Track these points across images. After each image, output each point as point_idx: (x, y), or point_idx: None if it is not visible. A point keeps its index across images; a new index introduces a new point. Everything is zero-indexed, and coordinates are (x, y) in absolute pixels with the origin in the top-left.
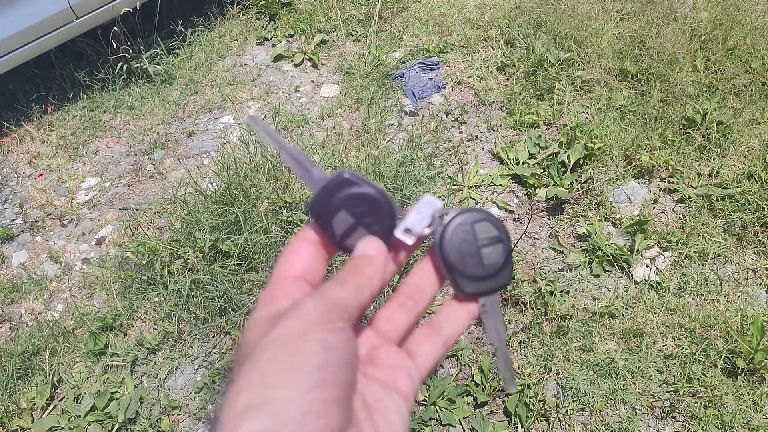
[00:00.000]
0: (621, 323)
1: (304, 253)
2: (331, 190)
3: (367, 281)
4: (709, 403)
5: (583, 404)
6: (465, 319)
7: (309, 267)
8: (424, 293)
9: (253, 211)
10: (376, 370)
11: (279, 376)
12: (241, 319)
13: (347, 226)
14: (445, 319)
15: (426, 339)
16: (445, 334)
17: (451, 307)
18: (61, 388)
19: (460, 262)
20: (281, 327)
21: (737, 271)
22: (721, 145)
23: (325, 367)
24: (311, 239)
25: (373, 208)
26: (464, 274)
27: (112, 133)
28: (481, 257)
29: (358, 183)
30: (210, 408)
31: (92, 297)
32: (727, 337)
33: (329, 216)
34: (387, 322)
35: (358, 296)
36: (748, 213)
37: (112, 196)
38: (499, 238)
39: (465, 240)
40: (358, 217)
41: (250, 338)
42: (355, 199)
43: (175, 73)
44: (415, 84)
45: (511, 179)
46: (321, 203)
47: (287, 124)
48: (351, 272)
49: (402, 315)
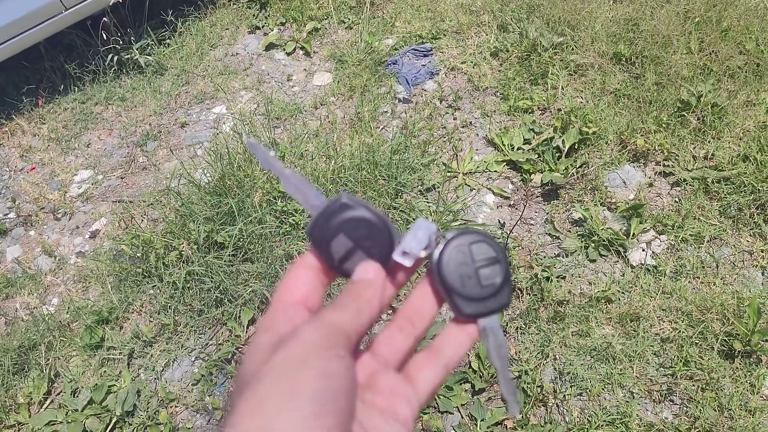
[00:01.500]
0: (617, 308)
1: (303, 279)
2: (329, 214)
3: (366, 305)
4: (707, 386)
5: (581, 389)
6: (465, 342)
7: (308, 293)
8: (423, 316)
9: (248, 201)
10: (375, 396)
11: (278, 403)
12: (237, 310)
13: (345, 250)
14: (445, 343)
15: (426, 363)
16: (445, 358)
17: (451, 331)
18: (58, 383)
19: (458, 283)
20: (281, 354)
21: (733, 253)
22: (716, 128)
23: (324, 394)
24: (310, 265)
25: (371, 232)
26: (462, 295)
27: (104, 125)
28: (479, 278)
29: (356, 207)
30: (207, 399)
31: (87, 290)
32: (724, 320)
33: (328, 240)
34: (386, 346)
35: (357, 320)
36: (743, 195)
37: (105, 189)
38: (496, 259)
39: (462, 262)
40: (356, 240)
41: (250, 365)
42: (353, 223)
43: (166, 63)
44: (408, 71)
45: (506, 165)
46: (320, 227)
47: (280, 113)
48: (350, 296)
49: (401, 338)
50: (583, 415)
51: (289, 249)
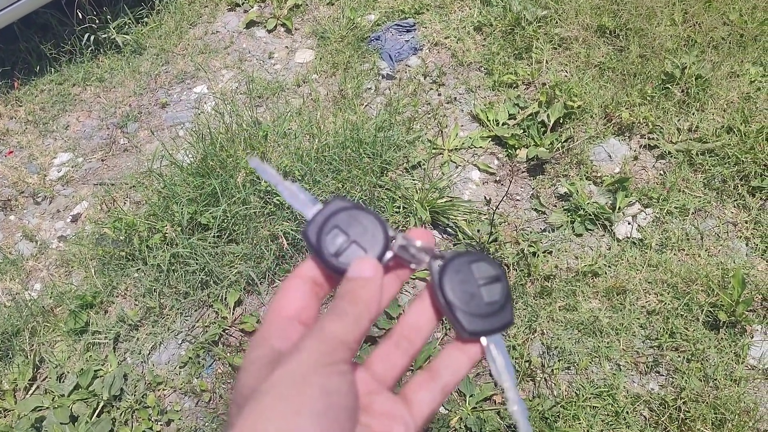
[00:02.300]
0: (604, 281)
1: (298, 291)
2: (325, 214)
3: (364, 309)
4: (692, 357)
5: (569, 363)
6: (465, 365)
7: (303, 306)
8: (420, 333)
9: (231, 182)
10: (371, 419)
11: (281, 421)
12: (223, 291)
13: (341, 243)
14: (444, 365)
15: (424, 385)
16: (443, 381)
17: (451, 353)
18: (43, 368)
19: (461, 300)
20: (282, 370)
21: (718, 225)
22: (700, 100)
23: (327, 413)
24: (306, 276)
25: (366, 228)
26: (466, 312)
27: (83, 106)
28: (482, 295)
29: (350, 206)
30: (195, 382)
31: (70, 275)
32: (709, 291)
33: (322, 235)
34: (382, 363)
35: (357, 327)
36: (727, 167)
37: (86, 172)
38: (497, 277)
39: (464, 280)
40: (351, 235)
41: (247, 381)
42: (347, 219)
43: (144, 42)
44: (391, 47)
45: (491, 141)
46: (315, 225)
47: (262, 92)
48: (347, 300)
49: (398, 355)
50: (571, 389)
51: (274, 229)
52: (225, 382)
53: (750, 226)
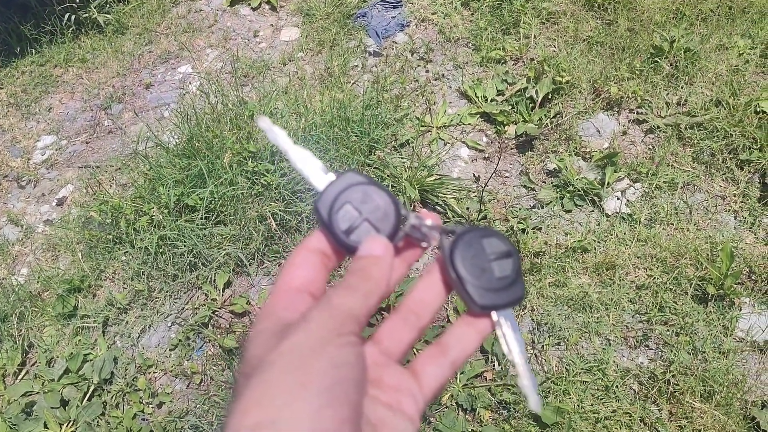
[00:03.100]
0: (594, 257)
1: (306, 263)
2: (337, 187)
3: (374, 285)
4: (681, 330)
5: (559, 338)
6: (474, 340)
7: (311, 278)
8: (427, 307)
9: (218, 162)
10: (380, 392)
11: (289, 394)
12: (212, 273)
13: (352, 220)
14: (453, 340)
15: (433, 360)
16: (452, 355)
17: (461, 328)
18: (33, 353)
19: (472, 274)
20: (290, 341)
21: (706, 198)
22: (689, 73)
23: (335, 385)
24: (314, 248)
25: (378, 205)
26: (478, 286)
27: (65, 88)
28: (493, 270)
29: (364, 181)
30: (186, 364)
31: (57, 259)
32: (698, 265)
33: (334, 211)
34: (390, 338)
35: (367, 302)
36: (716, 140)
37: (70, 155)
38: (509, 253)
39: (476, 254)
40: (363, 212)
41: (255, 352)
42: (360, 195)
43: (126, 22)
44: (378, 23)
45: (479, 117)
46: (327, 199)
47: (247, 71)
48: (358, 276)
49: (405, 330)
50: (561, 364)
51: (262, 210)
52: (216, 363)
53: (738, 199)
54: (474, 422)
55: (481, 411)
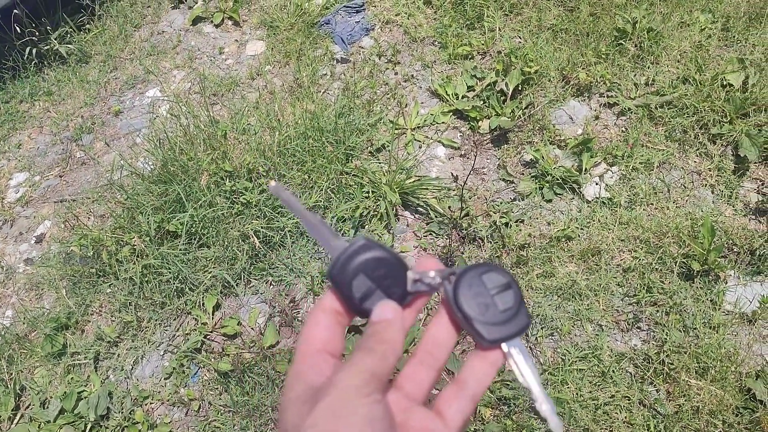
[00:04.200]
0: (578, 244)
1: (323, 324)
2: (349, 255)
3: (390, 347)
4: (671, 309)
5: (552, 329)
6: (489, 372)
7: (329, 338)
8: (442, 348)
9: (195, 185)
10: None
11: None
12: (200, 297)
13: (365, 290)
14: (469, 375)
15: (454, 397)
16: (471, 390)
17: (475, 363)
18: (25, 396)
19: (477, 312)
20: (322, 406)
21: (683, 175)
22: (654, 53)
23: None
24: (328, 308)
25: (388, 272)
26: (484, 322)
27: (33, 123)
28: (497, 305)
29: (374, 248)
30: (182, 392)
31: (41, 298)
32: (680, 243)
33: (349, 280)
34: (410, 382)
35: (386, 362)
36: (686, 117)
37: (45, 190)
38: (508, 285)
39: (477, 291)
40: (375, 280)
41: (291, 419)
42: (372, 264)
43: (89, 50)
44: (342, 29)
45: (452, 115)
46: (340, 268)
47: (216, 89)
48: (374, 340)
49: (423, 372)
50: (557, 355)
51: (244, 229)
52: (212, 388)
53: (714, 173)
54: (476, 421)
55: (482, 409)
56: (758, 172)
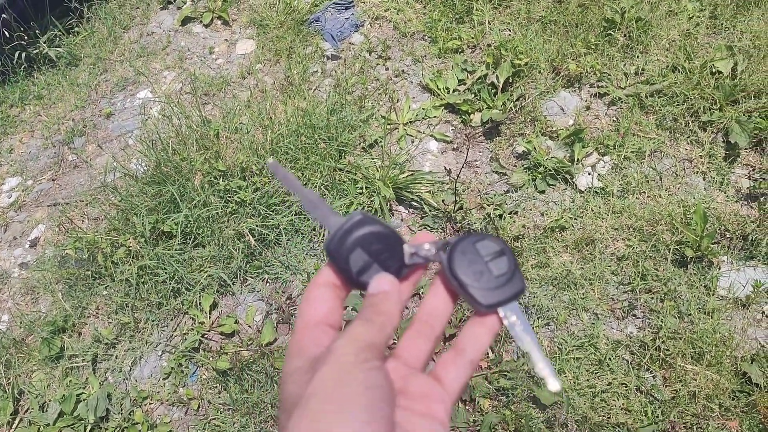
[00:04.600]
0: (572, 234)
1: (322, 298)
2: (346, 231)
3: (387, 318)
4: (665, 296)
5: (548, 319)
6: (486, 337)
7: (328, 311)
8: (439, 317)
9: (188, 185)
10: (409, 401)
11: (330, 419)
12: (197, 297)
13: (362, 263)
14: (467, 341)
15: (452, 363)
16: (469, 355)
17: (472, 329)
18: (24, 400)
19: (472, 278)
20: (322, 373)
21: (674, 163)
22: (643, 42)
23: (369, 405)
24: (326, 282)
25: (385, 246)
26: (479, 288)
27: (24, 127)
28: (491, 270)
29: (370, 222)
30: (181, 391)
31: (37, 302)
32: (673, 230)
33: (346, 255)
34: (409, 351)
35: (383, 333)
36: (677, 105)
37: (38, 194)
38: (502, 251)
39: (471, 259)
40: (372, 254)
41: (291, 389)
42: (369, 237)
43: (79, 53)
44: (332, 26)
45: (444, 109)
46: (337, 243)
47: (207, 88)
48: (372, 311)
49: (421, 341)
50: (554, 344)
51: (239, 227)
52: (211, 387)
53: (705, 160)
54: (474, 412)
55: (481, 400)
56: (749, 158)
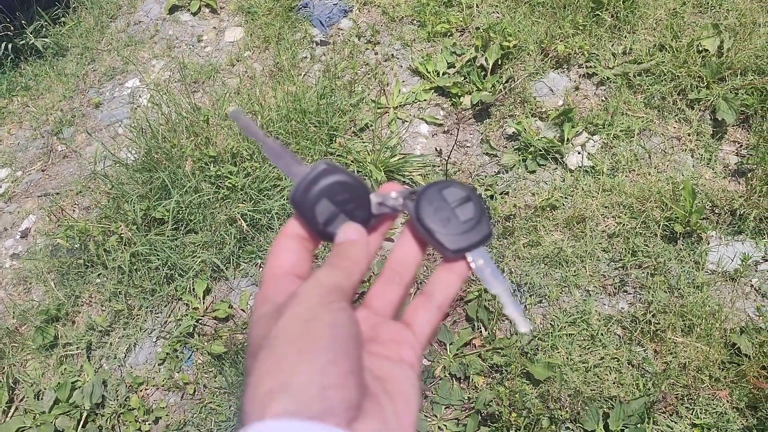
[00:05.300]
0: (563, 213)
1: (289, 248)
2: (311, 181)
3: (354, 264)
4: (655, 271)
5: (540, 296)
6: (454, 282)
7: (296, 261)
8: (408, 266)
9: (179, 171)
10: (380, 347)
11: (294, 359)
12: (190, 282)
13: (328, 214)
14: (436, 286)
15: (420, 308)
16: (438, 300)
17: (440, 274)
18: (19, 389)
19: (438, 224)
20: (286, 316)
21: (663, 141)
22: (630, 22)
23: (334, 344)
24: (294, 234)
25: (351, 196)
26: (446, 234)
27: (12, 118)
28: (457, 216)
29: (335, 172)
30: (177, 376)
31: (30, 291)
32: (663, 206)
33: (311, 205)
34: (379, 300)
35: (350, 279)
36: (664, 84)
37: (28, 185)
38: (468, 197)
39: (438, 207)
40: (338, 204)
41: (257, 332)
42: (334, 188)
43: (66, 43)
44: (320, 12)
45: (434, 92)
46: (302, 194)
47: (196, 76)
48: (338, 258)
49: (392, 290)
50: (546, 321)
51: (231, 213)
52: (207, 371)
53: (693, 138)
54: (469, 389)
55: (475, 377)
56: (736, 135)
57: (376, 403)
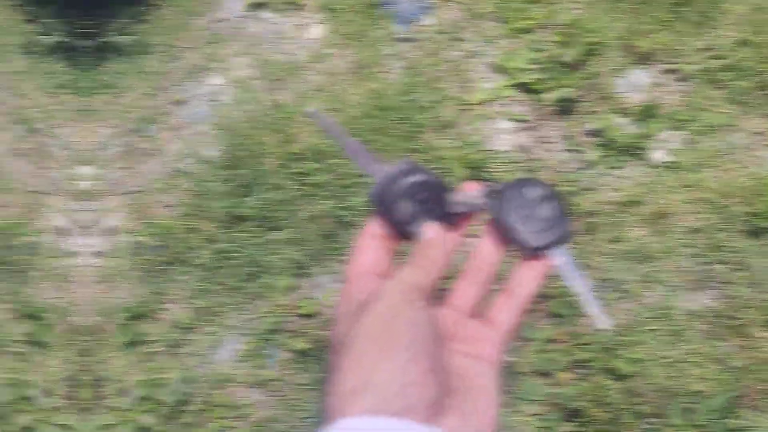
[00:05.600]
0: (646, 209)
1: (370, 247)
2: (391, 180)
3: (432, 263)
4: (739, 266)
5: (623, 292)
6: (536, 279)
7: (377, 260)
8: (489, 263)
9: (262, 169)
10: (460, 344)
11: (376, 357)
12: (274, 280)
13: (409, 213)
14: (517, 283)
15: (502, 305)
16: (518, 297)
17: (522, 271)
18: (102, 386)
19: (519, 222)
20: (368, 314)
21: (745, 137)
22: (713, 18)
23: (415, 342)
24: (375, 233)
25: (431, 194)
26: (526, 231)
27: (95, 117)
28: (538, 213)
29: (416, 171)
30: (261, 373)
31: (113, 289)
32: (745, 202)
33: (392, 204)
34: (460, 298)
35: (429, 277)
36: (747, 79)
37: (110, 183)
38: (549, 196)
39: (518, 204)
40: (418, 203)
41: (340, 330)
42: (415, 186)
43: (148, 41)
44: (403, 8)
45: (516, 89)
46: (383, 193)
47: (279, 74)
48: (418, 257)
49: (473, 288)
50: (629, 316)
51: (315, 210)
52: (291, 368)
53: None
54: (553, 385)
55: (558, 373)
56: None
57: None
